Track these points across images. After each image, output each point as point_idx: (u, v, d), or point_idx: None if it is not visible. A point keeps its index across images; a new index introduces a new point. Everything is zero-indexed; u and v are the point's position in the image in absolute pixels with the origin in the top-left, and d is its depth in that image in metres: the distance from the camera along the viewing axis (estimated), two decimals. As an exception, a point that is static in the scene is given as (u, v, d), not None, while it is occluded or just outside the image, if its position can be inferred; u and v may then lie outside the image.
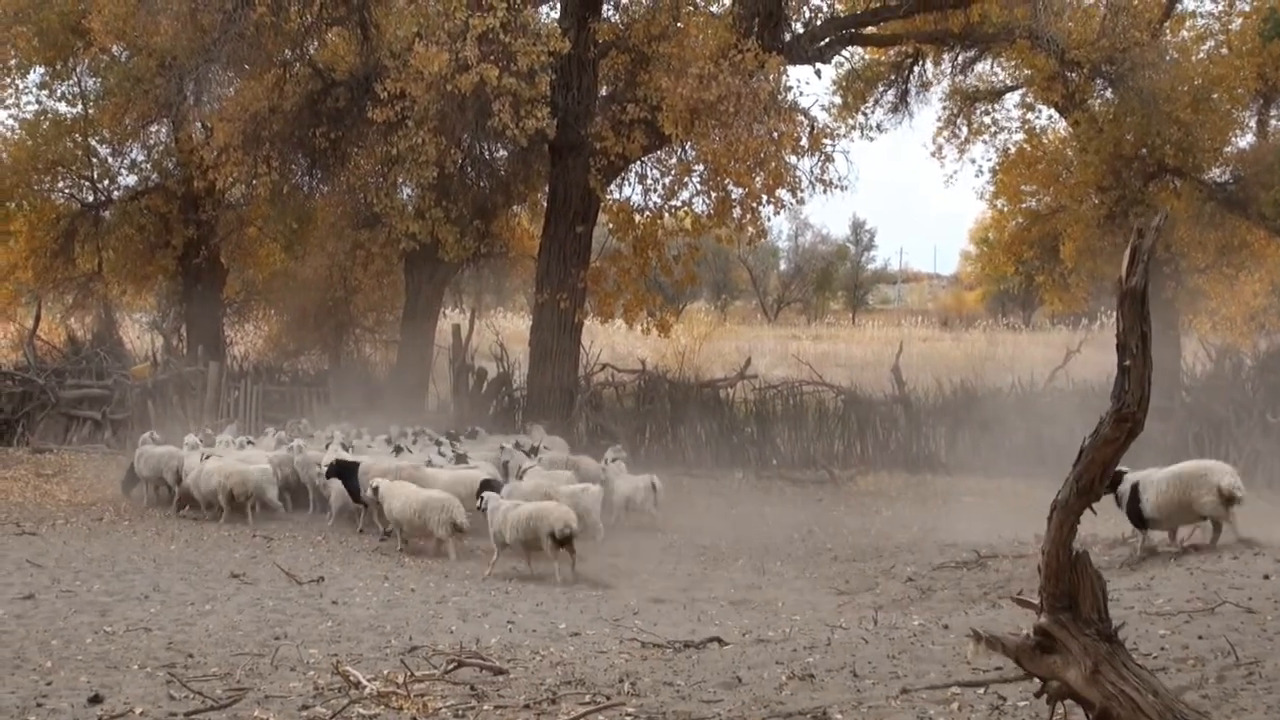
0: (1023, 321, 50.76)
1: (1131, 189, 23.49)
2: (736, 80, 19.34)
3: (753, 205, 21.19)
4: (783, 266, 61.64)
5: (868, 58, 26.49)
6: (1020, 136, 26.22)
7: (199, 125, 24.86)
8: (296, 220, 26.94)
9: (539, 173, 23.91)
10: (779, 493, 21.68)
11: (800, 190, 21.14)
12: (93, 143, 26.53)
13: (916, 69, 26.25)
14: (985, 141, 26.55)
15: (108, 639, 9.77)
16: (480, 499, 14.43)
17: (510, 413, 24.52)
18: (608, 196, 23.16)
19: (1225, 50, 23.88)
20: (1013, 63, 25.41)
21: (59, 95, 26.30)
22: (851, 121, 26.05)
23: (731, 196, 21.38)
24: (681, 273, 24.26)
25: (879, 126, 26.26)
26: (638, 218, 23.05)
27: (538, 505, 13.92)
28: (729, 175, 20.79)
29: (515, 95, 19.18)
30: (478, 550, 14.72)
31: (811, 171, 21.28)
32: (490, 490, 14.88)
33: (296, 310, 27.26)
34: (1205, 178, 23.98)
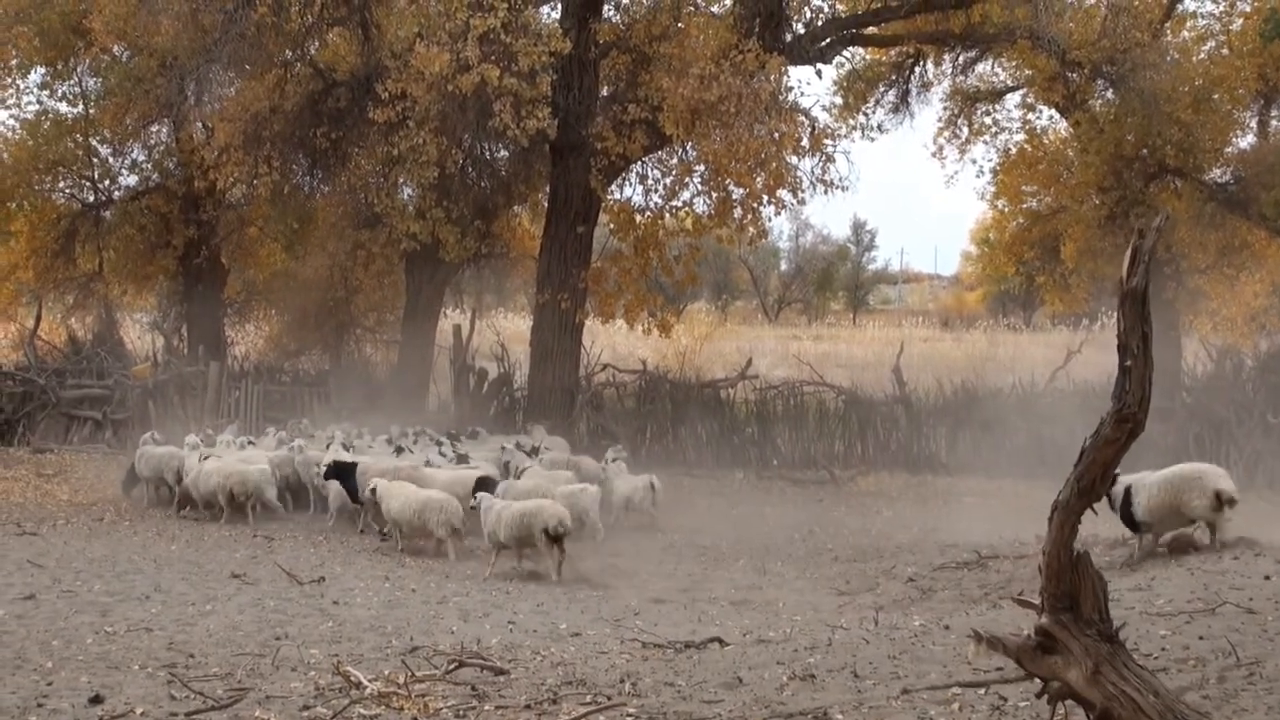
0: (1023, 322, 50.74)
1: (1132, 189, 23.47)
2: (737, 81, 19.35)
3: (753, 205, 21.21)
4: (783, 267, 61.66)
5: (868, 58, 26.50)
6: (1021, 137, 26.25)
7: (200, 125, 24.86)
8: (297, 220, 26.96)
9: (540, 173, 23.91)
10: (780, 493, 21.66)
11: (801, 191, 21.18)
12: (94, 143, 26.56)
13: (917, 69, 26.26)
14: (986, 142, 26.59)
15: (108, 639, 9.77)
16: (474, 498, 14.43)
17: (511, 413, 24.52)
18: (609, 197, 23.19)
19: (1226, 51, 23.88)
20: (1014, 63, 25.41)
21: (60, 95, 26.37)
22: (852, 122, 26.07)
23: (732, 197, 21.39)
24: (682, 273, 24.26)
25: (880, 127, 26.30)
26: (639, 218, 23.05)
27: (531, 502, 13.92)
28: (730, 175, 20.80)
29: (516, 95, 19.20)
30: (478, 550, 14.70)
31: (812, 172, 21.33)
32: (485, 488, 14.88)
33: (297, 310, 27.26)
34: (1206, 178, 23.97)
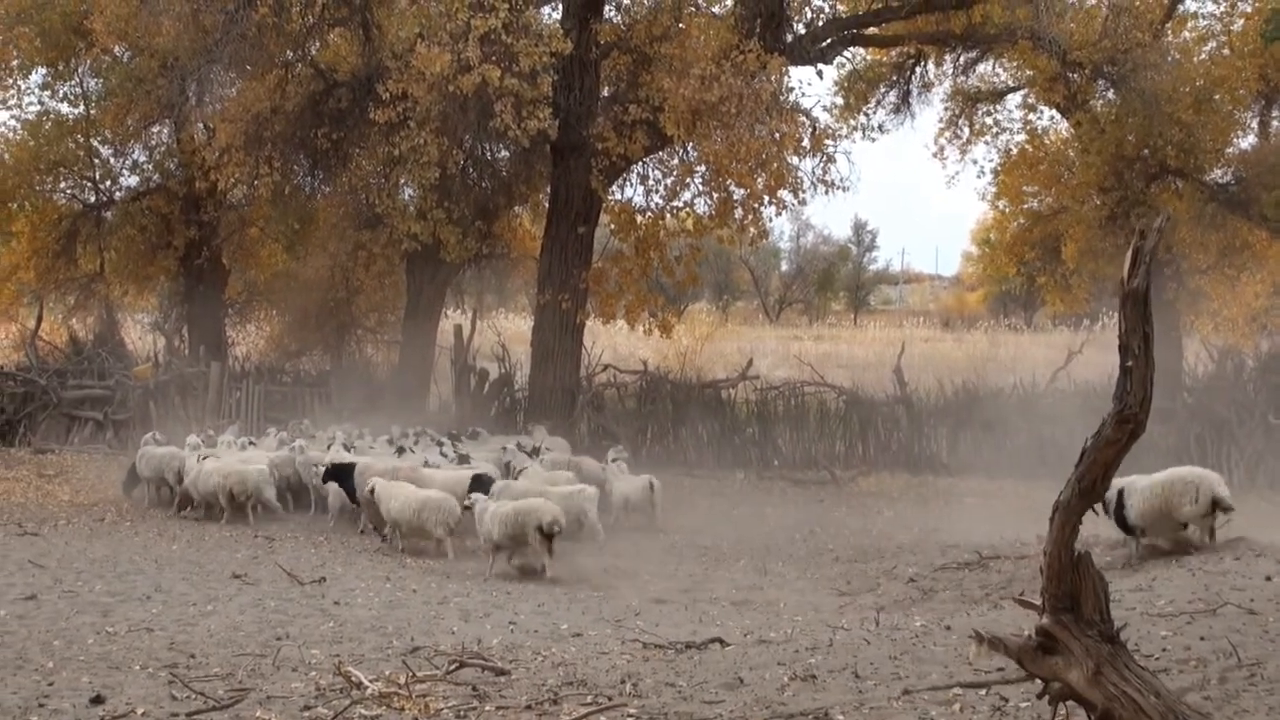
0: (1024, 322, 50.72)
1: (1133, 190, 23.46)
2: (738, 81, 19.36)
3: (754, 206, 21.21)
4: (784, 267, 61.68)
5: (869, 58, 26.51)
6: (1022, 137, 26.25)
7: (201, 126, 24.89)
8: (298, 221, 26.98)
9: (541, 173, 23.91)
10: (781, 493, 21.64)
11: (802, 191, 21.19)
12: (95, 143, 26.58)
13: (918, 70, 26.28)
14: (987, 142, 26.59)
15: (110, 639, 9.78)
16: (469, 498, 14.40)
17: (512, 413, 24.52)
18: (609, 197, 23.20)
19: (1227, 51, 23.85)
20: (1014, 63, 25.42)
21: (61, 96, 26.40)
22: (853, 122, 26.08)
23: (733, 197, 21.39)
24: (683, 273, 24.25)
25: (881, 127, 26.31)
26: (639, 218, 23.06)
27: (525, 501, 13.93)
28: (731, 176, 20.80)
29: (517, 96, 19.21)
30: (479, 551, 14.69)
31: (813, 172, 21.35)
32: (480, 487, 14.83)
33: (298, 311, 27.26)
34: (1207, 179, 23.95)
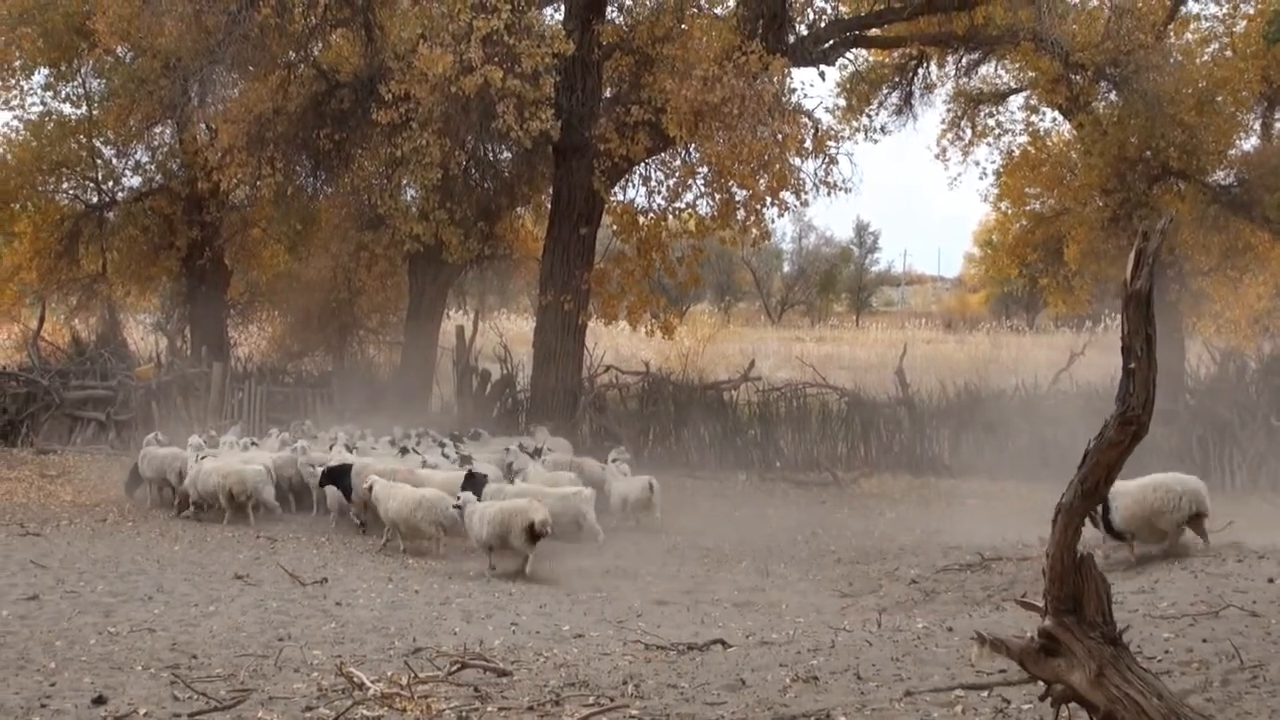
0: (1027, 324, 50.69)
1: (1136, 192, 23.44)
2: (740, 82, 19.35)
3: (757, 207, 21.19)
4: (786, 268, 61.68)
5: (872, 60, 26.52)
6: (1024, 139, 26.24)
7: (203, 126, 24.91)
8: (300, 222, 26.98)
9: (543, 174, 23.91)
10: (782, 495, 21.64)
11: (804, 192, 21.16)
12: (97, 144, 26.59)
13: (920, 71, 26.28)
14: (989, 144, 26.57)
15: (112, 640, 9.78)
16: (458, 497, 14.34)
17: (514, 414, 24.54)
18: (612, 198, 23.21)
19: (1229, 53, 23.83)
20: (1017, 65, 25.41)
21: (64, 96, 26.42)
22: (855, 124, 26.13)
23: (735, 198, 21.36)
24: (685, 275, 24.22)
25: (883, 129, 26.38)
26: (642, 219, 23.05)
27: (513, 501, 13.92)
28: (733, 177, 20.78)
29: (519, 97, 19.20)
30: (479, 551, 14.69)
31: (815, 174, 21.31)
32: (472, 486, 14.78)
33: (300, 312, 27.26)
34: (1209, 180, 23.92)
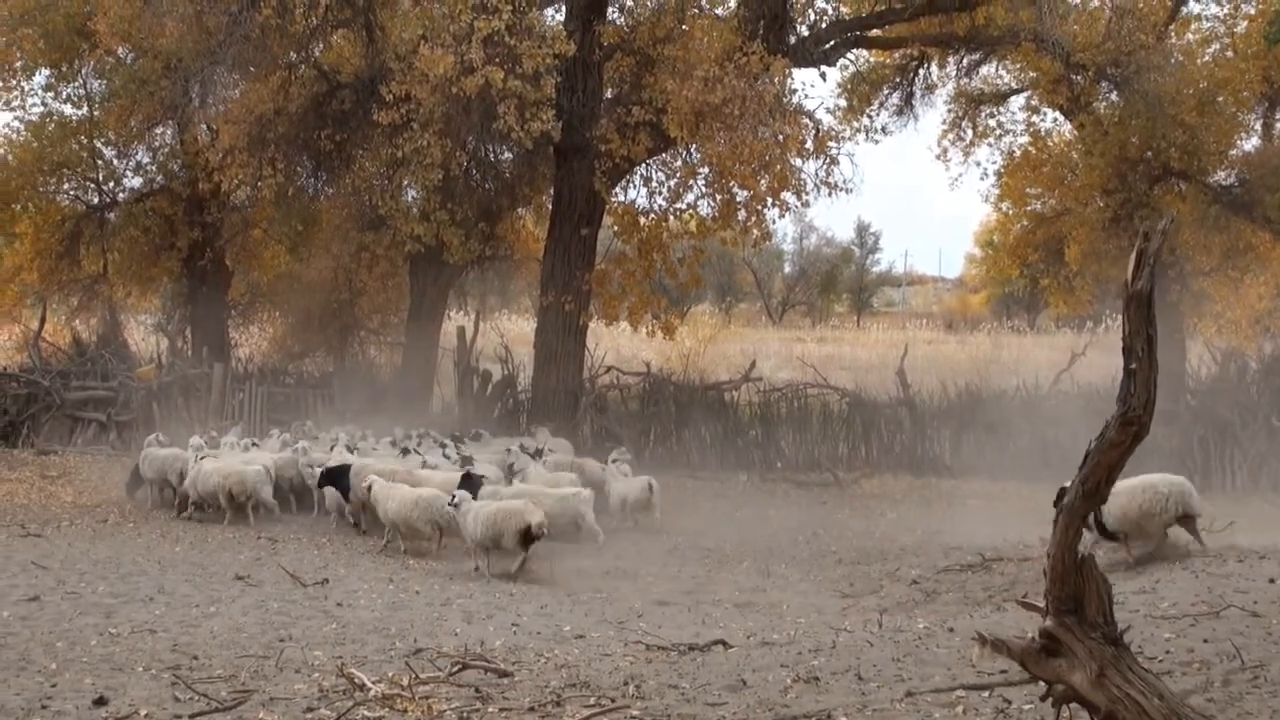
0: (1027, 324, 50.70)
1: (1137, 192, 23.43)
2: (741, 83, 19.36)
3: (758, 208, 21.19)
4: (787, 269, 61.69)
5: (873, 60, 26.53)
6: (1025, 139, 26.25)
7: (204, 127, 24.90)
8: (301, 222, 26.98)
9: (544, 175, 23.91)
10: (783, 495, 21.64)
11: (805, 193, 21.16)
12: (98, 145, 26.61)
13: (921, 72, 26.28)
14: (990, 144, 26.58)
15: (112, 641, 9.78)
16: (453, 495, 14.33)
17: (515, 415, 24.54)
18: (613, 199, 23.21)
19: (1230, 53, 23.82)
20: (1018, 65, 25.40)
21: (64, 97, 26.43)
22: (856, 124, 26.15)
23: (736, 199, 21.37)
24: (686, 275, 24.21)
25: (884, 129, 26.39)
26: (643, 220, 23.05)
27: (508, 502, 13.92)
28: (734, 178, 20.77)
29: (520, 98, 19.20)
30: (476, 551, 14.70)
31: (816, 174, 21.31)
32: (469, 487, 14.79)
33: (301, 312, 27.28)
34: (1210, 181, 23.90)
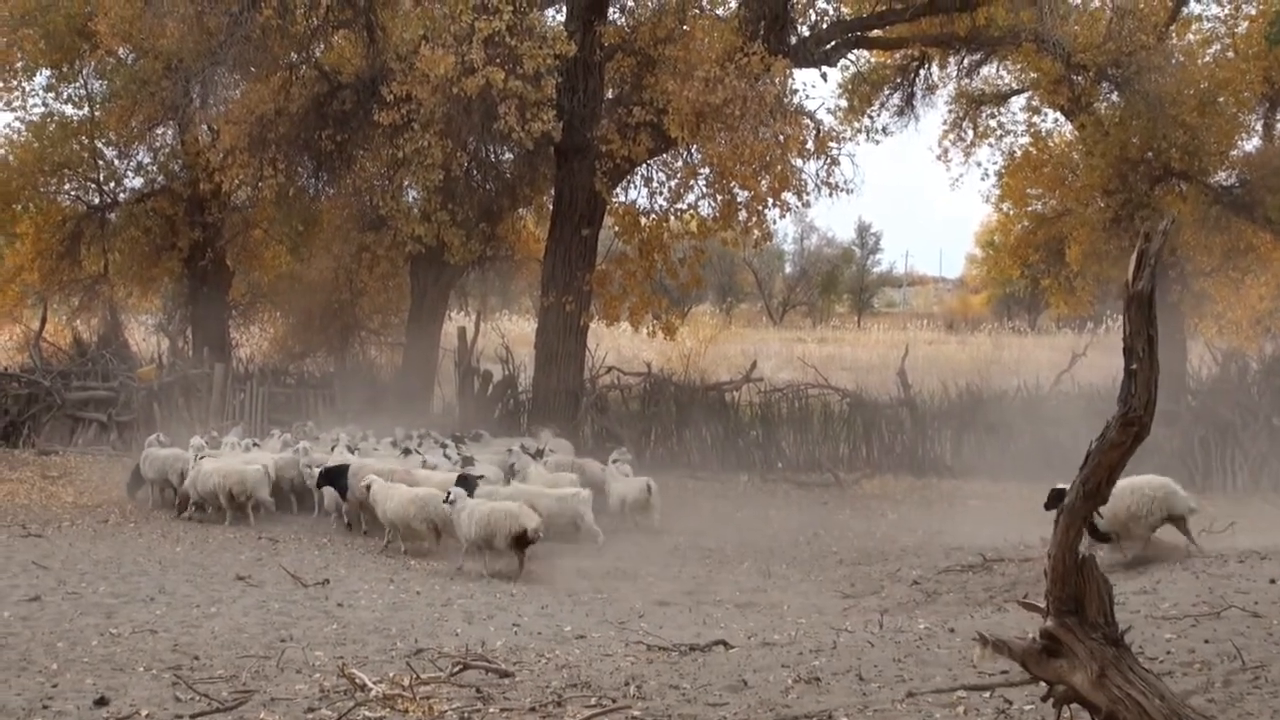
0: (1028, 325, 50.68)
1: (1137, 192, 23.42)
2: (742, 83, 19.35)
3: (758, 208, 21.18)
4: (788, 269, 61.68)
5: (873, 61, 26.52)
6: (1026, 140, 26.24)
7: (205, 128, 24.91)
8: (302, 223, 26.98)
9: (545, 176, 23.91)
10: (784, 496, 21.64)
11: (806, 193, 21.15)
12: (99, 145, 26.61)
13: (922, 72, 26.28)
14: (991, 145, 26.57)
15: (113, 641, 9.78)
16: (449, 492, 14.31)
17: (515, 416, 24.55)
18: (613, 199, 23.20)
19: (1231, 54, 23.82)
20: (1018, 66, 25.40)
21: (65, 98, 26.41)
22: (857, 125, 26.14)
23: (737, 199, 21.36)
24: (687, 275, 24.20)
25: (885, 130, 26.39)
26: (643, 220, 23.04)
27: (503, 504, 13.92)
28: (735, 178, 20.77)
29: (521, 98, 19.20)
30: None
31: (817, 174, 21.28)
32: (465, 487, 14.79)
33: (302, 313, 27.28)
34: (1211, 181, 23.89)
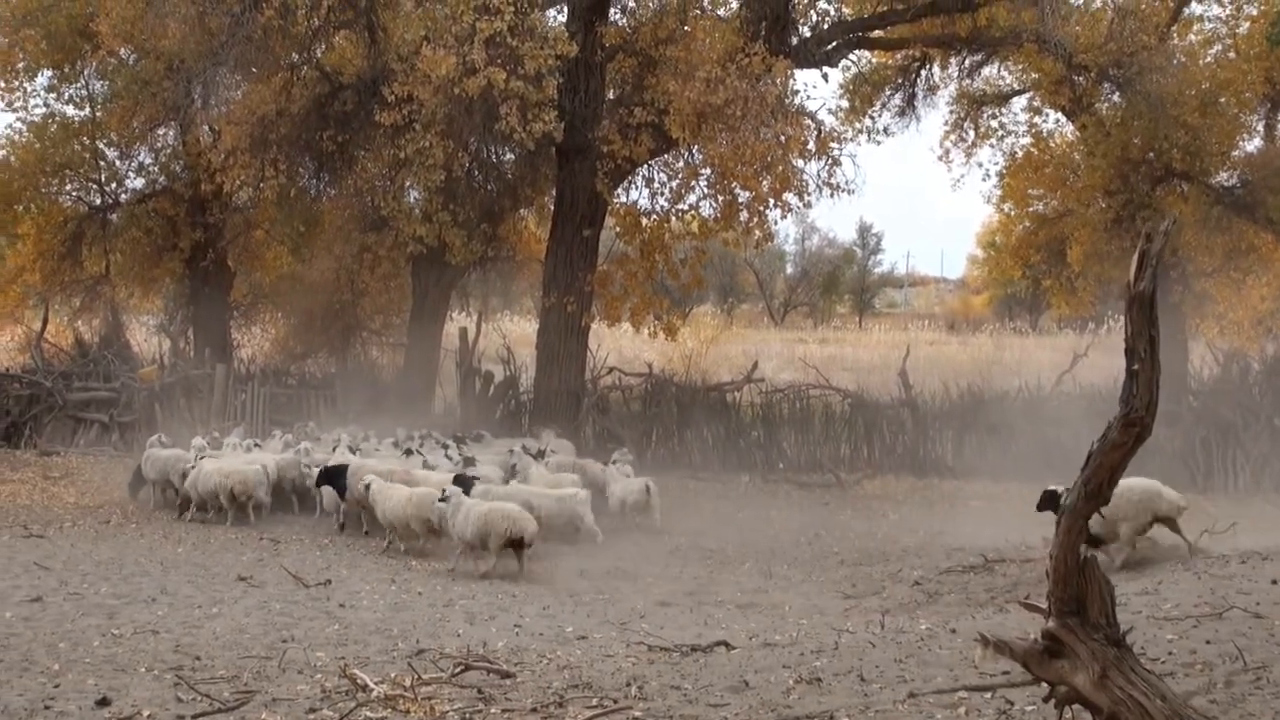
0: (1030, 325, 50.67)
1: (1139, 193, 23.42)
2: (744, 84, 19.36)
3: (759, 209, 21.17)
4: (789, 270, 61.66)
5: (875, 61, 26.52)
6: (1027, 140, 26.25)
7: (206, 128, 24.90)
8: (304, 223, 26.98)
9: (546, 176, 23.90)
10: (785, 496, 21.64)
11: (807, 194, 21.17)
12: (100, 146, 26.63)
13: (924, 73, 26.27)
14: (992, 145, 26.57)
15: (115, 641, 9.79)
16: (444, 491, 14.28)
17: (517, 416, 24.54)
18: (615, 200, 23.20)
19: (1233, 54, 23.83)
20: (1020, 66, 25.40)
21: (67, 98, 26.43)
22: (858, 125, 26.13)
23: (738, 200, 21.35)
24: (688, 276, 24.21)
25: (886, 130, 26.38)
26: (645, 221, 23.03)
27: (500, 505, 13.93)
28: (736, 179, 20.77)
29: (522, 99, 19.21)
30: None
31: (818, 175, 21.30)
32: (462, 486, 14.79)
33: (303, 313, 27.27)
34: (1212, 181, 23.88)
